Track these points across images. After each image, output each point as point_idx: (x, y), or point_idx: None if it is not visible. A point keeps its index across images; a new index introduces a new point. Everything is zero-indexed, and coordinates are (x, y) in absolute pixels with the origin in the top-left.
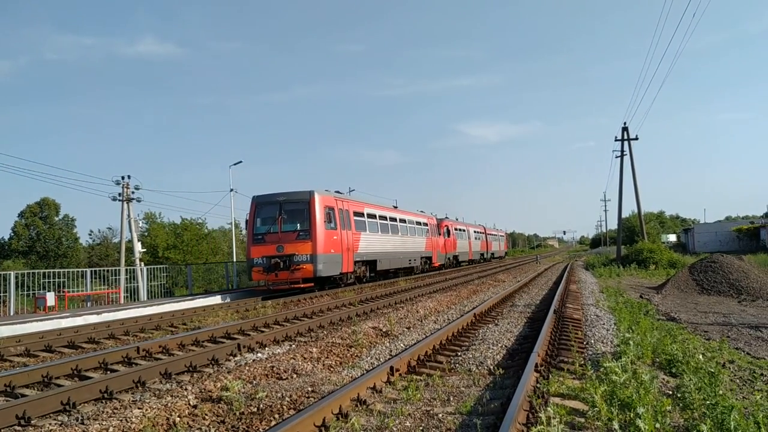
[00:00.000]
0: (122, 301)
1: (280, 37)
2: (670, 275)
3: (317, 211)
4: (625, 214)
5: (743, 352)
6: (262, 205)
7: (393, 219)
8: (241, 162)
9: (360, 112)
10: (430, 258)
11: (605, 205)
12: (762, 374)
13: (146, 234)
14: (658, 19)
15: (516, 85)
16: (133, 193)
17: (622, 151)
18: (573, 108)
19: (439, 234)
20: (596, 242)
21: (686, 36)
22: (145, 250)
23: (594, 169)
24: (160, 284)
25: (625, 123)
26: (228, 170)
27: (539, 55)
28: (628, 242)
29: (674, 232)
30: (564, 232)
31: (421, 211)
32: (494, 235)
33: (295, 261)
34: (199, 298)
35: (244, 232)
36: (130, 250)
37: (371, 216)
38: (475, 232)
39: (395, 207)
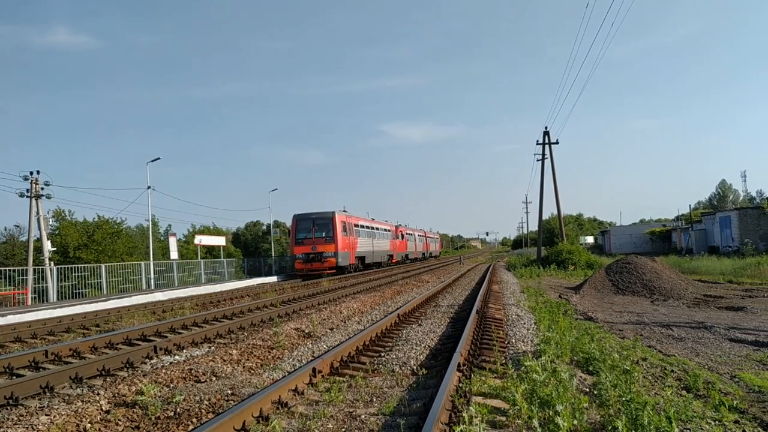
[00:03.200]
0: (29, 303)
1: (202, 32)
2: (588, 276)
3: (337, 224)
4: (545, 216)
5: (655, 349)
6: (300, 220)
7: (373, 228)
8: (159, 159)
9: (283, 110)
10: (392, 255)
11: (527, 207)
12: (672, 371)
13: (56, 232)
14: (578, 26)
15: (441, 88)
16: (42, 189)
17: (543, 154)
18: (497, 111)
19: (396, 237)
20: (518, 243)
21: (605, 44)
22: (55, 249)
23: (516, 172)
24: (71, 285)
25: (546, 127)
26: (146, 166)
27: (464, 58)
28: (548, 243)
29: (592, 234)
30: (487, 234)
31: (386, 220)
32: (432, 237)
33: (324, 256)
34: (114, 298)
35: (161, 230)
36: (38, 249)
37: (362, 226)
38: (419, 235)
39: (373, 219)
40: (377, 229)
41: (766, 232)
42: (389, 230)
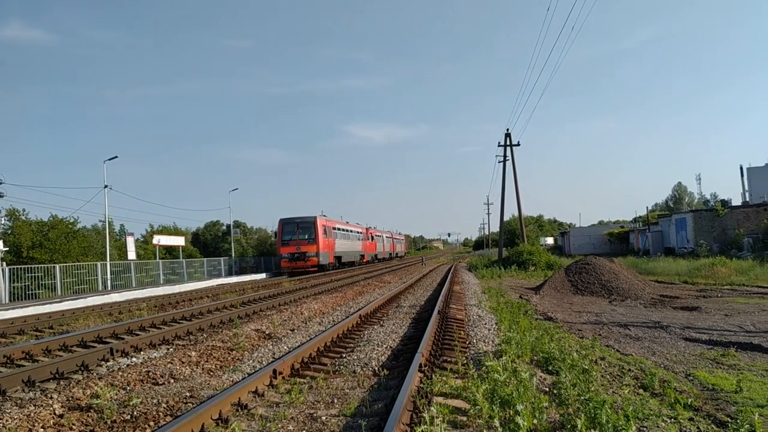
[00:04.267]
0: None
1: (159, 28)
2: (548, 276)
3: (318, 227)
4: (506, 218)
5: (613, 349)
6: (286, 223)
7: (348, 230)
8: (116, 157)
9: (244, 109)
10: (363, 255)
11: (488, 209)
12: (630, 370)
13: (9, 232)
14: (540, 30)
15: (404, 89)
16: None
17: (505, 155)
18: (459, 113)
19: (367, 239)
20: (479, 244)
21: (566, 47)
22: (7, 249)
23: (478, 174)
24: (24, 285)
25: (507, 129)
26: (102, 165)
27: (427, 59)
28: (509, 244)
29: (552, 235)
30: (449, 234)
31: (357, 223)
32: (398, 238)
33: (307, 255)
34: (69, 299)
35: (117, 230)
36: None
37: (339, 229)
38: (387, 237)
39: (347, 222)
40: (351, 231)
41: (719, 234)
42: (361, 232)
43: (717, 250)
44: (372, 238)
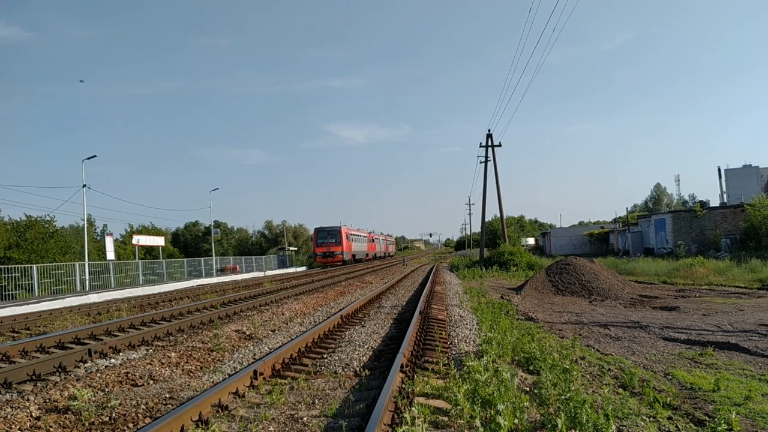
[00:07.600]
0: None
1: (140, 27)
2: (529, 276)
3: (342, 233)
4: (488, 218)
5: (593, 348)
6: (320, 231)
7: (359, 235)
8: (95, 156)
9: (225, 109)
10: (367, 254)
11: (470, 209)
12: (610, 369)
13: None
14: (521, 30)
15: (384, 89)
16: None
17: (486, 156)
18: (440, 114)
19: (370, 241)
20: (461, 245)
21: (547, 48)
22: None
23: (460, 174)
24: (1, 286)
25: (489, 130)
26: (81, 164)
27: (408, 60)
28: (490, 245)
29: (533, 236)
30: (430, 235)
31: (364, 229)
32: (389, 240)
33: (335, 254)
34: (46, 300)
35: (97, 230)
36: None
37: (353, 234)
38: (382, 239)
39: (358, 229)
40: (360, 236)
41: (698, 235)
42: (366, 236)
43: (695, 250)
44: (373, 240)
